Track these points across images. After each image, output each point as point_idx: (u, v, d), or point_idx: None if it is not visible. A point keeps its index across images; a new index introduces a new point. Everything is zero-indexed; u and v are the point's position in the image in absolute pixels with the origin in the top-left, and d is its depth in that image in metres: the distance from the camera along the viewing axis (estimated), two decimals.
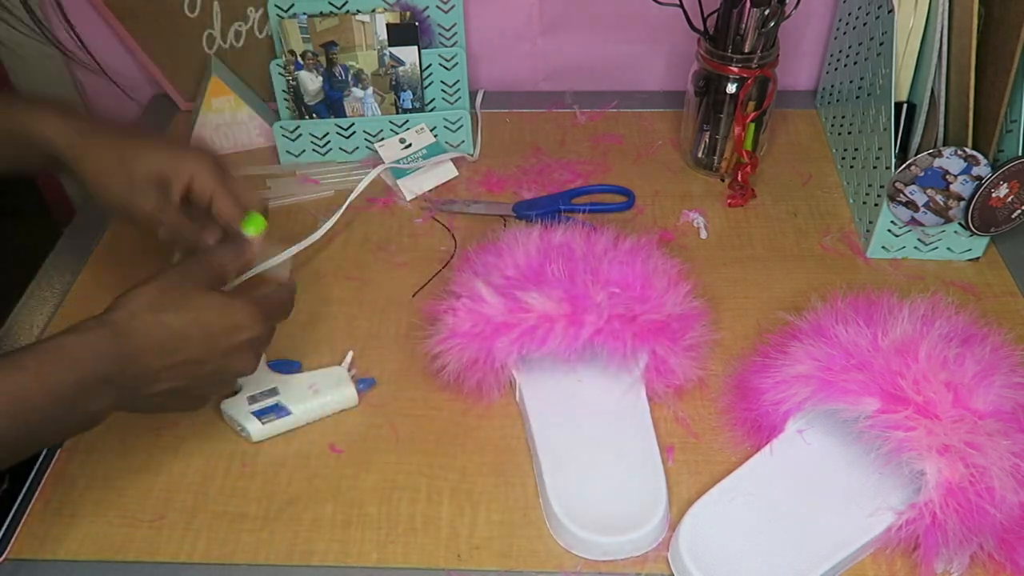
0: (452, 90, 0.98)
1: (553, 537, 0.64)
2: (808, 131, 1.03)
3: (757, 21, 0.84)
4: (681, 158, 0.99)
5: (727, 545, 0.61)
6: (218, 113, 0.97)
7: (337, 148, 0.98)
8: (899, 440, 0.59)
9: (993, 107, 0.75)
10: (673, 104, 1.05)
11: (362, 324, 0.80)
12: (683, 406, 0.72)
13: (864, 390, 0.61)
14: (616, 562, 0.62)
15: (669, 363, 0.69)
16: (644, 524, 0.62)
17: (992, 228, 0.80)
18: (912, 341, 0.63)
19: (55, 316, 0.82)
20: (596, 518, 0.62)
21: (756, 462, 0.66)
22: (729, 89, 0.89)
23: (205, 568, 0.63)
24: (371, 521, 0.65)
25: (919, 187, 0.78)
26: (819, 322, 0.68)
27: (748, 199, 0.93)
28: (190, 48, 1.00)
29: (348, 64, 0.93)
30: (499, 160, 0.99)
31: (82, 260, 0.88)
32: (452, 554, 0.63)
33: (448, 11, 0.95)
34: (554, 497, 0.64)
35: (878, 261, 0.86)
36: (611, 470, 0.66)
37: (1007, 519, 0.57)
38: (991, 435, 0.58)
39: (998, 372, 0.61)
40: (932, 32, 0.78)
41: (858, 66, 0.90)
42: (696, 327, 0.71)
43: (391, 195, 0.94)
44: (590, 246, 0.74)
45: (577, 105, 1.06)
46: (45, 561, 0.63)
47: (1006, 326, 0.67)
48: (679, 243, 0.88)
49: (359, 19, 0.92)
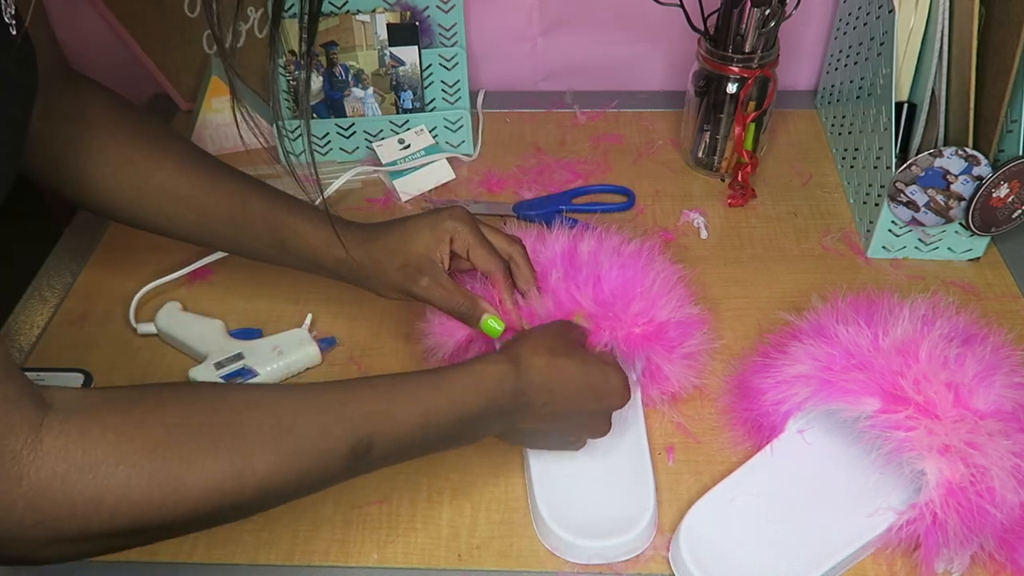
0: (452, 90, 0.98)
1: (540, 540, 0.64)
2: (808, 131, 1.03)
3: (757, 21, 0.84)
4: (681, 158, 0.99)
5: (728, 545, 0.61)
6: (218, 113, 0.97)
7: (337, 148, 0.98)
8: (899, 440, 0.59)
9: (993, 107, 0.75)
10: (673, 104, 1.05)
11: (362, 324, 0.80)
12: (683, 406, 0.72)
13: (864, 390, 0.61)
14: (616, 563, 0.62)
15: (664, 371, 0.69)
16: (630, 529, 0.62)
17: (992, 228, 0.80)
18: (913, 341, 0.63)
19: (55, 316, 0.82)
20: (582, 523, 0.62)
21: (756, 462, 0.66)
22: (729, 89, 0.89)
23: (205, 568, 0.63)
24: (371, 521, 0.65)
25: (920, 187, 0.78)
26: (819, 322, 0.68)
27: (748, 199, 0.93)
28: (190, 48, 1.00)
29: (348, 64, 0.93)
30: (499, 160, 0.99)
31: (82, 260, 0.88)
32: (452, 554, 0.63)
33: (448, 11, 0.95)
34: (542, 501, 0.64)
35: (878, 261, 0.86)
36: (600, 475, 0.66)
37: (1008, 519, 0.57)
38: (992, 435, 0.58)
39: (999, 372, 0.61)
40: (932, 32, 0.78)
41: (858, 66, 0.90)
42: (695, 335, 0.71)
43: (390, 196, 0.94)
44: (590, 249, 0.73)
45: (577, 105, 1.06)
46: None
47: (1006, 326, 0.67)
48: (679, 243, 0.88)
49: (359, 19, 0.92)
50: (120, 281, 0.84)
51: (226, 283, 0.84)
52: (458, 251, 0.68)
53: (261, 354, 0.75)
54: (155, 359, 0.78)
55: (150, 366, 0.77)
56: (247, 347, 0.76)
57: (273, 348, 0.75)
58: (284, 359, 0.75)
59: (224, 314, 0.79)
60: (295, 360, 0.75)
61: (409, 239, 0.68)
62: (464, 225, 0.67)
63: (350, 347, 0.78)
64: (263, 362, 0.74)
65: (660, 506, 0.65)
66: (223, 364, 0.74)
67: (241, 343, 0.76)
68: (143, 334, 0.79)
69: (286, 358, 0.75)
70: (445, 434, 0.57)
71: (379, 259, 0.68)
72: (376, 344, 0.79)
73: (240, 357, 0.75)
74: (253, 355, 0.75)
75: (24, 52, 0.54)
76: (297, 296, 0.82)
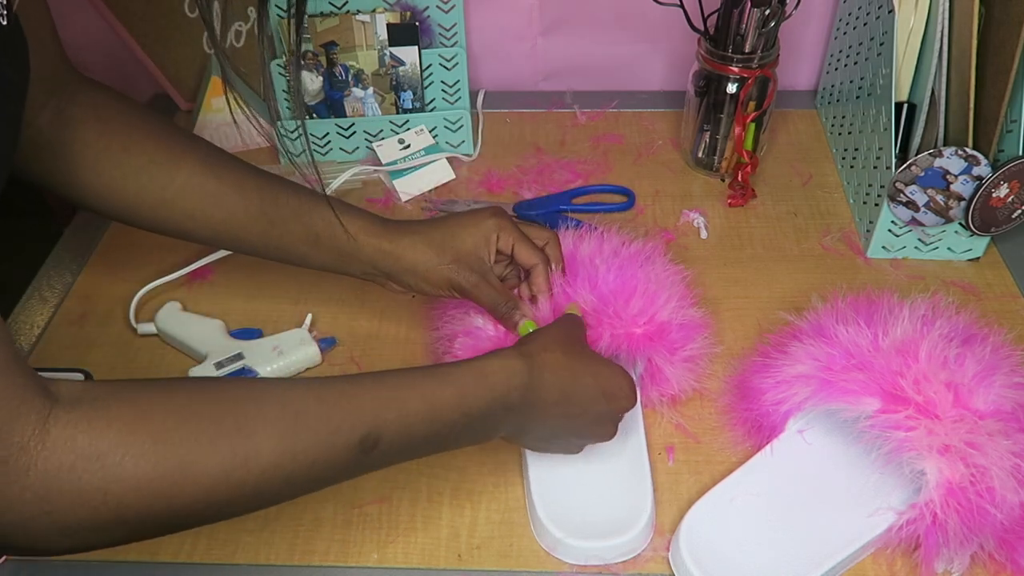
0: (452, 90, 0.98)
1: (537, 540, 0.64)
2: (808, 131, 1.03)
3: (757, 21, 0.84)
4: (681, 158, 0.99)
5: (728, 545, 0.61)
6: (218, 113, 0.97)
7: (337, 148, 0.98)
8: (899, 440, 0.59)
9: (993, 107, 0.75)
10: (673, 104, 1.05)
11: (362, 324, 0.80)
12: (683, 406, 0.72)
13: (864, 390, 0.61)
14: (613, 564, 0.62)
15: (664, 373, 0.69)
16: (627, 531, 0.62)
17: (992, 228, 0.80)
18: (912, 341, 0.63)
19: (55, 316, 0.82)
20: (578, 523, 0.62)
21: (756, 462, 0.66)
22: (729, 89, 0.89)
23: (206, 568, 0.63)
24: (371, 521, 0.65)
25: (919, 187, 0.78)
26: (819, 322, 0.68)
27: (748, 199, 0.93)
28: (190, 48, 1.00)
29: (348, 64, 0.93)
30: (499, 160, 0.99)
31: (82, 260, 0.88)
32: (452, 554, 0.63)
33: (448, 11, 0.95)
34: (538, 500, 0.64)
35: (878, 261, 0.86)
36: (598, 476, 0.66)
37: (1007, 519, 0.57)
38: (991, 435, 0.58)
39: (998, 372, 0.61)
40: (932, 32, 0.78)
41: (858, 66, 0.90)
42: (696, 338, 0.71)
43: (390, 196, 0.94)
44: (591, 251, 0.73)
45: (577, 105, 1.06)
46: (45, 561, 0.63)
47: (1006, 326, 0.67)
48: (679, 243, 0.88)
49: (359, 19, 0.92)
50: (120, 281, 0.84)
51: (226, 283, 0.84)
52: (502, 248, 0.70)
53: (261, 354, 0.75)
54: (155, 359, 0.78)
55: (150, 366, 0.77)
56: (247, 347, 0.76)
57: (273, 348, 0.76)
58: (284, 359, 0.75)
59: (224, 314, 0.79)
60: (295, 360, 0.75)
61: (456, 236, 0.69)
62: (506, 223, 0.70)
63: (350, 347, 0.78)
64: (263, 362, 0.74)
65: (660, 506, 0.65)
66: (223, 364, 0.74)
67: (241, 343, 0.76)
68: (143, 334, 0.79)
69: (286, 358, 0.75)
70: (453, 429, 0.57)
71: (425, 252, 0.69)
72: (376, 344, 0.79)
73: (240, 357, 0.75)
74: (253, 355, 0.75)
75: (15, 44, 0.53)
76: (297, 296, 0.82)
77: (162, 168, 0.68)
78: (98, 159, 0.67)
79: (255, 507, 0.52)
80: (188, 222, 0.70)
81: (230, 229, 0.70)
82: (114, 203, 0.69)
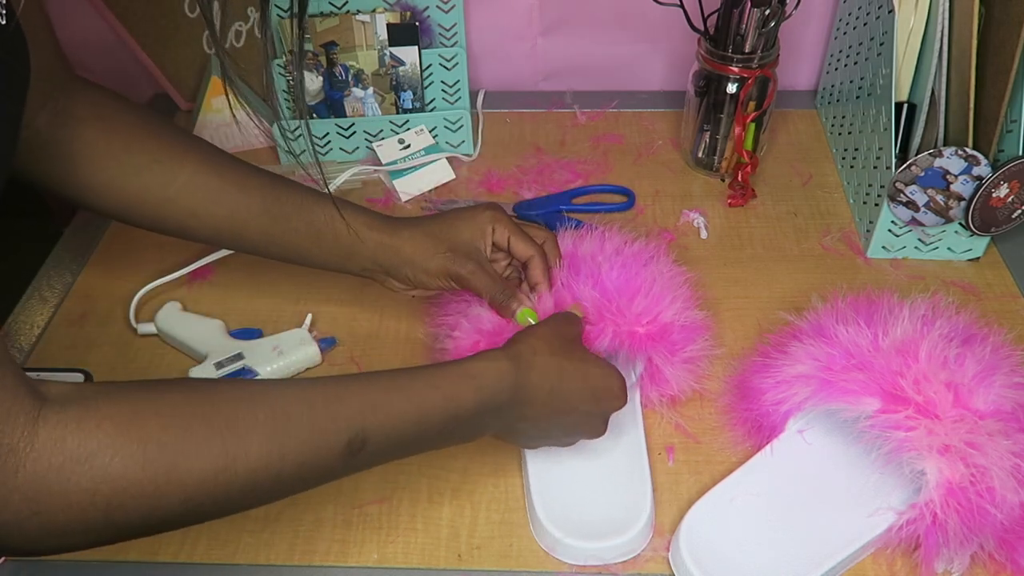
0: (452, 90, 0.98)
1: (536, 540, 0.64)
2: (808, 131, 1.03)
3: (757, 21, 0.84)
4: (681, 158, 0.99)
5: (727, 545, 0.61)
6: (218, 113, 0.97)
7: (337, 148, 0.98)
8: (899, 440, 0.59)
9: (993, 107, 0.75)
10: (673, 104, 1.05)
11: (362, 323, 0.80)
12: (683, 407, 0.72)
13: (864, 390, 0.61)
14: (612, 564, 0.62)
15: (665, 373, 0.69)
16: (626, 531, 0.62)
17: (992, 228, 0.80)
18: (912, 341, 0.63)
19: (55, 316, 0.82)
20: (577, 523, 0.62)
21: (756, 462, 0.66)
22: (729, 89, 0.89)
23: (206, 568, 0.63)
24: (371, 521, 0.65)
25: (919, 187, 0.78)
26: (819, 322, 0.68)
27: (748, 199, 0.93)
28: (190, 48, 1.00)
29: (348, 64, 0.93)
30: (499, 160, 0.99)
31: (82, 260, 0.88)
32: (452, 554, 0.63)
33: (448, 11, 0.95)
34: (538, 500, 0.64)
35: (878, 261, 0.86)
36: (597, 477, 0.66)
37: (1008, 519, 0.57)
38: (992, 435, 0.58)
39: (998, 372, 0.61)
40: (932, 32, 0.78)
41: (858, 66, 0.90)
42: (697, 340, 0.71)
43: (390, 196, 0.94)
44: (593, 249, 0.73)
45: (577, 105, 1.06)
46: (46, 561, 0.63)
47: (1006, 326, 0.67)
48: (679, 243, 0.88)
49: (359, 19, 0.92)
50: (120, 281, 0.84)
51: (226, 283, 0.84)
52: (498, 241, 0.71)
53: (261, 354, 0.75)
54: (155, 359, 0.78)
55: (150, 366, 0.77)
56: (247, 347, 0.76)
57: (273, 348, 0.76)
58: (284, 359, 0.75)
59: (224, 314, 0.79)
60: (295, 360, 0.75)
61: (453, 227, 0.71)
62: (502, 216, 0.71)
63: (350, 347, 0.78)
64: (263, 362, 0.74)
65: (660, 506, 0.65)
66: (223, 364, 0.74)
67: (241, 343, 0.76)
68: (143, 334, 0.79)
69: (286, 358, 0.75)
70: (441, 431, 0.57)
71: (423, 243, 0.70)
72: (376, 344, 0.79)
73: (240, 357, 0.75)
74: (253, 355, 0.75)
75: (15, 44, 0.53)
76: (297, 296, 0.82)
77: (164, 166, 0.68)
78: (99, 157, 0.67)
79: (245, 507, 0.52)
80: (190, 220, 0.70)
81: (232, 227, 0.70)
82: (115, 201, 0.69)
